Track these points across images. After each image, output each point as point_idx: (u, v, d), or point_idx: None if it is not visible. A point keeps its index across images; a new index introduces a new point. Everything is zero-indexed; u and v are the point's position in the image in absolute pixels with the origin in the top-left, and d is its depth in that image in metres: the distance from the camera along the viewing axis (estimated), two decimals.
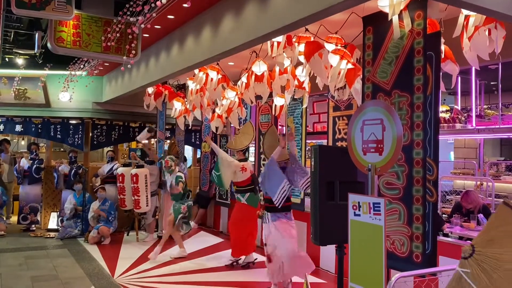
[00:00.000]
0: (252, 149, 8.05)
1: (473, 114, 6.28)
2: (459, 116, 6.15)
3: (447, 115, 6.44)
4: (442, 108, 6.77)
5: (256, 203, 6.46)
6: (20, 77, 8.60)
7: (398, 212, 3.30)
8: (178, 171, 7.11)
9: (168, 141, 8.98)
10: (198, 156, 10.61)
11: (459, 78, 6.77)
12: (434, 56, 3.29)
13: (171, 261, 6.70)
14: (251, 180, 6.46)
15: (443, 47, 3.67)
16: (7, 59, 8.44)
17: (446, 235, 4.98)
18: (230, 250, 6.59)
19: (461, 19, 3.58)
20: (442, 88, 3.56)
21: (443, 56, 3.71)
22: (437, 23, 3.60)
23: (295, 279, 5.26)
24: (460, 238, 4.92)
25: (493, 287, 1.64)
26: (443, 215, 5.91)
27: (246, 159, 6.63)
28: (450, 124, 6.09)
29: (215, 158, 7.42)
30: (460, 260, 1.74)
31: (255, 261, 6.52)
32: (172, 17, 5.41)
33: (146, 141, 9.06)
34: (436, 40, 3.34)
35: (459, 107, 6.94)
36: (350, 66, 4.11)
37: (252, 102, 5.67)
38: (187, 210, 6.98)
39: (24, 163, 8.90)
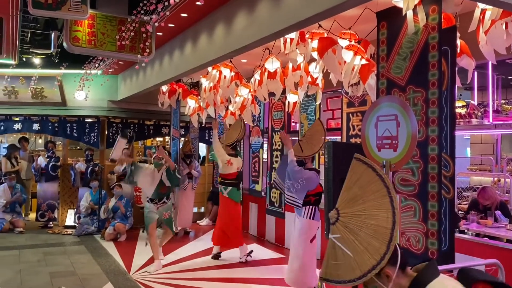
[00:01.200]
0: (265, 146, 8.05)
1: (490, 109, 6.19)
2: (476, 112, 6.06)
3: (463, 111, 6.36)
4: (458, 103, 6.68)
5: (237, 198, 6.77)
6: (37, 77, 8.74)
7: (413, 208, 3.27)
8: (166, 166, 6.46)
9: (183, 138, 9.04)
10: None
11: (476, 73, 6.67)
12: (450, 51, 3.24)
13: (186, 257, 6.76)
14: (236, 176, 6.80)
15: (458, 41, 3.62)
16: (24, 59, 8.58)
17: (462, 232, 4.93)
18: (243, 247, 6.64)
19: (477, 13, 3.52)
20: (458, 83, 3.52)
21: (458, 50, 3.65)
22: (452, 18, 3.55)
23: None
24: (477, 235, 4.86)
25: (362, 246, 1.63)
26: (460, 212, 5.85)
27: (235, 155, 6.88)
28: (466, 120, 6.01)
29: None
30: (331, 227, 1.71)
31: (251, 253, 6.68)
32: (185, 15, 5.44)
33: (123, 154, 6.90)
34: (452, 34, 3.29)
35: (475, 102, 6.84)
36: (364, 62, 4.08)
37: (265, 99, 5.67)
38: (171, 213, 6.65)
39: (41, 161, 9.05)
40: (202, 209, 10.15)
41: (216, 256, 6.68)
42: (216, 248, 6.72)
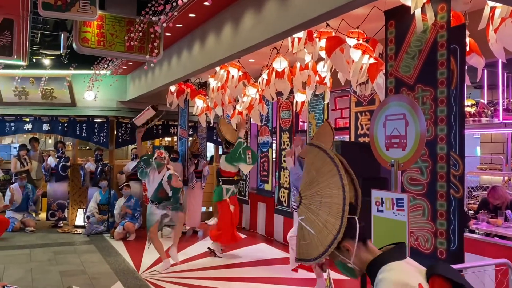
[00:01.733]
0: (274, 145, 8.06)
1: (500, 108, 6.13)
2: (485, 110, 6.01)
3: (472, 109, 6.31)
4: (467, 102, 6.62)
5: (218, 196, 6.96)
6: (46, 77, 8.82)
7: (422, 208, 3.26)
8: (169, 169, 6.24)
9: (191, 138, 9.07)
10: (220, 153, 10.67)
11: (485, 71, 6.61)
12: (459, 49, 3.22)
13: (194, 256, 6.79)
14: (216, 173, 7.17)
15: (468, 40, 3.59)
16: (34, 60, 8.66)
17: (472, 231, 4.89)
18: (254, 246, 6.84)
19: (486, 11, 3.49)
20: (468, 81, 3.50)
21: (468, 49, 3.63)
22: (461, 16, 3.53)
23: (312, 275, 5.29)
24: (487, 234, 4.81)
25: (321, 224, 1.74)
26: (469, 211, 5.80)
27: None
28: (476, 119, 5.96)
29: None
30: (297, 210, 1.85)
31: (217, 252, 6.86)
32: (193, 15, 5.46)
33: (147, 124, 7.52)
34: (461, 33, 3.27)
35: (485, 101, 6.78)
36: (372, 60, 4.07)
37: (273, 99, 5.67)
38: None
39: (51, 161, 9.14)
40: (211, 209, 10.17)
41: (212, 252, 6.89)
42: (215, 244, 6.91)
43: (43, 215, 9.64)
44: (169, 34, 6.21)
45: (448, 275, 1.58)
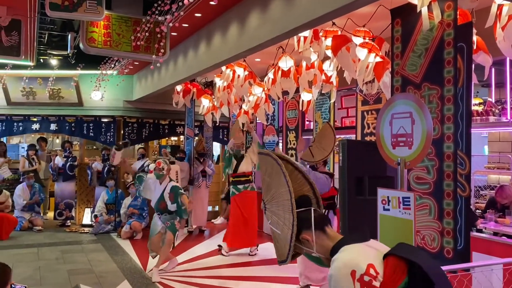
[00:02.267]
0: (280, 145, 8.06)
1: (508, 106, 6.07)
2: (493, 109, 5.96)
3: (480, 108, 6.26)
4: (475, 101, 6.56)
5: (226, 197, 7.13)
6: (54, 77, 8.89)
7: (428, 207, 3.24)
8: (171, 180, 6.01)
9: (197, 138, 9.10)
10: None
11: (493, 69, 6.56)
12: (466, 47, 3.20)
13: (202, 255, 6.81)
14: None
15: (475, 38, 3.57)
16: (41, 60, 8.72)
17: (480, 231, 4.86)
18: (260, 245, 6.84)
19: (493, 9, 3.47)
20: (475, 80, 3.47)
21: (475, 47, 3.61)
22: (468, 14, 3.51)
23: None
24: (495, 234, 4.78)
25: (282, 222, 1.84)
26: (477, 211, 5.77)
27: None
28: (483, 117, 5.92)
29: None
30: (265, 216, 2.00)
31: (223, 251, 6.91)
32: (199, 15, 5.47)
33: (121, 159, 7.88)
34: (468, 31, 3.25)
35: (493, 100, 6.72)
36: (378, 59, 4.06)
37: (279, 98, 5.67)
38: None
39: (59, 160, 9.20)
40: (217, 208, 10.20)
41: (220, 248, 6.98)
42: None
43: (50, 214, 9.72)
44: (175, 33, 6.23)
45: (401, 254, 1.61)
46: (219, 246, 7.02)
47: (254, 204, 7.03)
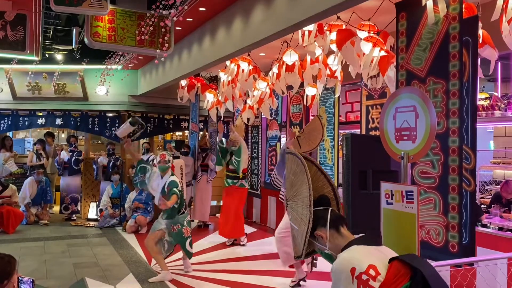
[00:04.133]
0: (283, 140, 8.07)
1: None
2: (499, 103, 5.92)
3: (485, 103, 6.21)
4: (481, 95, 6.52)
5: None
6: (59, 72, 8.92)
7: (433, 201, 3.24)
8: (173, 175, 5.61)
9: (201, 133, 9.12)
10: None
11: (499, 64, 6.51)
12: (471, 41, 3.18)
13: (206, 249, 6.84)
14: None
15: (480, 31, 3.54)
16: (47, 55, 8.76)
17: (485, 225, 4.85)
18: (264, 240, 7.01)
19: (499, 2, 3.43)
20: (480, 74, 3.45)
21: (480, 41, 3.58)
22: (474, 7, 3.48)
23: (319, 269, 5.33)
24: (500, 229, 4.77)
25: (299, 218, 1.93)
26: (482, 206, 5.75)
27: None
28: (489, 112, 5.88)
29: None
30: (287, 212, 2.12)
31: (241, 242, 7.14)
32: (203, 9, 5.46)
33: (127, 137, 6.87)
34: (473, 24, 3.22)
35: (498, 94, 6.68)
36: (383, 53, 4.04)
37: (283, 93, 5.66)
38: (190, 231, 5.68)
39: (64, 155, 9.24)
40: (221, 203, 10.20)
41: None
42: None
43: (56, 208, 9.78)
44: (179, 28, 6.22)
45: (405, 260, 1.68)
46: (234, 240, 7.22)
47: (241, 199, 7.34)
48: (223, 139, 7.53)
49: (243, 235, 7.27)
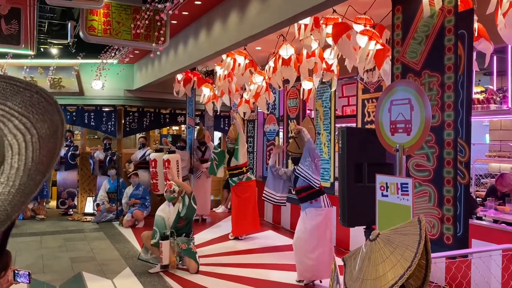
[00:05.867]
0: (281, 134, 8.07)
1: (509, 94, 6.04)
2: (494, 97, 5.94)
3: (481, 96, 6.24)
4: (476, 89, 6.54)
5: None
6: (54, 67, 8.89)
7: (428, 194, 3.26)
8: (183, 201, 5.53)
9: (197, 127, 9.10)
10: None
11: (495, 57, 6.53)
12: (467, 34, 3.19)
13: (205, 242, 6.85)
14: None
15: (476, 24, 3.55)
16: (42, 49, 8.70)
17: (480, 218, 4.88)
18: (263, 233, 7.08)
19: None
20: (476, 67, 3.46)
21: (476, 34, 3.59)
22: (469, 0, 3.48)
23: None
24: (495, 221, 4.80)
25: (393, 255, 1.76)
26: (478, 199, 5.78)
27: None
28: (484, 105, 5.90)
29: None
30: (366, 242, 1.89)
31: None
32: (199, 2, 5.44)
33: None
34: (469, 17, 3.23)
35: (494, 88, 6.70)
36: (379, 46, 4.04)
37: (279, 87, 5.66)
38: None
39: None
40: (219, 197, 10.23)
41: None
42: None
43: (53, 203, 9.78)
44: (175, 22, 6.20)
45: None
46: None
47: (253, 191, 7.22)
48: (219, 141, 7.47)
49: (258, 228, 7.26)
